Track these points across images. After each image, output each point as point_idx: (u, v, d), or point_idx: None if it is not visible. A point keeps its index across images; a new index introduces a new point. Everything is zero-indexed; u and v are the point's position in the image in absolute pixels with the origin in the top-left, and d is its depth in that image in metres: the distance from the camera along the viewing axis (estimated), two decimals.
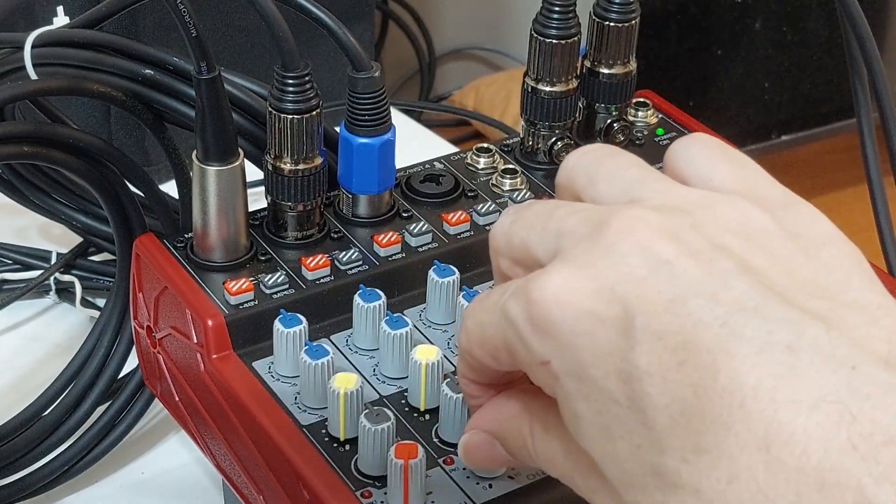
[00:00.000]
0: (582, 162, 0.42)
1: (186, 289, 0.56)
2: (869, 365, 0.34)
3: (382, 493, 0.49)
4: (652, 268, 0.36)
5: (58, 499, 0.69)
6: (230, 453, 0.55)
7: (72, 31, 0.63)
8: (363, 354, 0.56)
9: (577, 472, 0.40)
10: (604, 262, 0.37)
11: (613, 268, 0.37)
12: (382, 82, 0.58)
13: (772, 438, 0.34)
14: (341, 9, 0.63)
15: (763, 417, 0.34)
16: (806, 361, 0.34)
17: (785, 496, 0.33)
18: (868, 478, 0.33)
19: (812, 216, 0.39)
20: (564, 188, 0.43)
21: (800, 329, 0.35)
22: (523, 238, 0.41)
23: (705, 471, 0.35)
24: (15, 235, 0.86)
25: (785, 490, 0.33)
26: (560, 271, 0.37)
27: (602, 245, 0.37)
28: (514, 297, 0.39)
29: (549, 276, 0.37)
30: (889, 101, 0.71)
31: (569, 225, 0.39)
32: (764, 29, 1.90)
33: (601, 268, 0.37)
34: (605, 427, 0.37)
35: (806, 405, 0.34)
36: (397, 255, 0.59)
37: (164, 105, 0.63)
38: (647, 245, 0.37)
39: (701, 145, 0.41)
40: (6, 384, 0.76)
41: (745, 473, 0.34)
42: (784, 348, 0.35)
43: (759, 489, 0.34)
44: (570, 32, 0.62)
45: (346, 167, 0.60)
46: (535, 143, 0.66)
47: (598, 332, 0.36)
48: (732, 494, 0.34)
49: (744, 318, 0.35)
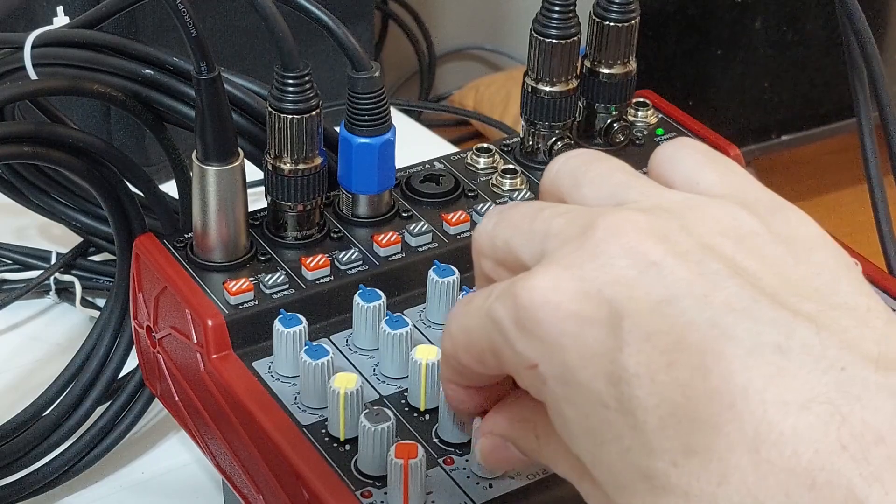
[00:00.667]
0: (567, 167, 0.42)
1: (186, 289, 0.56)
2: (859, 366, 0.34)
3: (382, 493, 0.49)
4: (640, 269, 0.36)
5: (58, 499, 0.69)
6: (230, 453, 0.55)
7: (72, 31, 0.64)
8: (363, 354, 0.56)
9: (574, 474, 0.40)
10: (591, 264, 0.37)
11: (601, 269, 0.36)
12: (382, 82, 0.58)
13: (761, 439, 0.34)
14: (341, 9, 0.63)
15: (753, 418, 0.34)
16: (796, 362, 0.34)
17: (775, 497, 0.33)
18: (858, 477, 0.33)
19: (800, 220, 0.39)
20: (549, 193, 0.42)
21: (790, 330, 0.35)
22: (507, 240, 0.40)
23: (695, 473, 0.35)
24: (15, 235, 0.86)
25: (775, 491, 0.33)
26: (547, 272, 0.37)
27: (589, 246, 0.37)
28: (499, 299, 0.38)
29: (536, 278, 0.37)
30: (889, 101, 0.71)
31: (555, 226, 0.39)
32: (763, 29, 1.90)
33: (588, 269, 0.37)
34: (593, 430, 0.37)
35: (796, 406, 0.34)
36: (397, 255, 0.59)
37: (164, 105, 0.63)
38: (635, 246, 0.36)
39: (687, 150, 0.41)
40: (6, 384, 0.76)
41: (735, 475, 0.34)
42: (774, 349, 0.35)
43: (748, 491, 0.34)
44: (570, 32, 0.62)
45: (345, 167, 0.60)
46: (535, 143, 0.66)
47: (585, 334, 0.36)
48: (723, 496, 0.34)
49: (734, 319, 0.35)
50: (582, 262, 0.37)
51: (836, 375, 0.34)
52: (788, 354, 0.34)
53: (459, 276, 0.57)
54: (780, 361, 0.34)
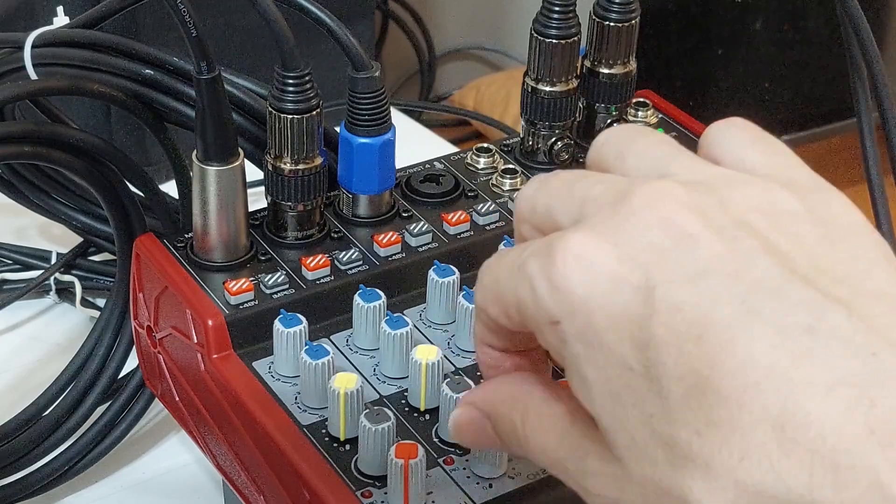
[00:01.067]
0: (613, 138, 0.42)
1: (186, 289, 0.56)
2: (889, 352, 0.34)
3: (382, 493, 0.49)
4: (675, 240, 0.36)
5: (58, 499, 0.69)
6: (230, 453, 0.55)
7: (72, 31, 0.64)
8: (363, 354, 0.56)
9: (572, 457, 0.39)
10: (628, 231, 0.37)
11: (637, 237, 0.37)
12: (382, 82, 0.58)
13: (787, 418, 0.34)
14: (341, 9, 0.63)
15: (778, 397, 0.34)
16: (825, 345, 0.34)
17: (798, 477, 0.33)
18: (884, 462, 0.32)
19: (843, 205, 0.39)
20: (594, 164, 0.42)
21: (820, 312, 0.35)
22: (546, 204, 0.40)
23: (717, 445, 0.35)
24: (15, 235, 0.86)
25: (798, 471, 0.33)
26: (584, 234, 0.37)
27: (626, 213, 0.37)
28: (534, 254, 0.38)
29: (573, 236, 0.37)
30: (889, 101, 0.71)
31: (594, 193, 0.39)
32: (764, 28, 1.90)
33: (624, 235, 0.37)
34: (615, 393, 0.37)
35: (823, 387, 0.34)
36: (397, 255, 0.59)
37: (164, 105, 0.63)
38: (672, 217, 0.37)
39: (737, 128, 0.41)
40: (6, 384, 0.76)
41: (757, 451, 0.34)
42: (803, 330, 0.34)
43: (771, 467, 0.34)
44: (570, 32, 0.62)
45: (346, 167, 0.60)
46: (535, 143, 0.66)
47: (615, 297, 0.36)
48: (743, 471, 0.34)
49: (764, 298, 0.35)
50: (618, 228, 0.37)
51: (865, 360, 0.34)
52: (817, 336, 0.34)
53: (459, 276, 0.57)
54: (809, 343, 0.34)
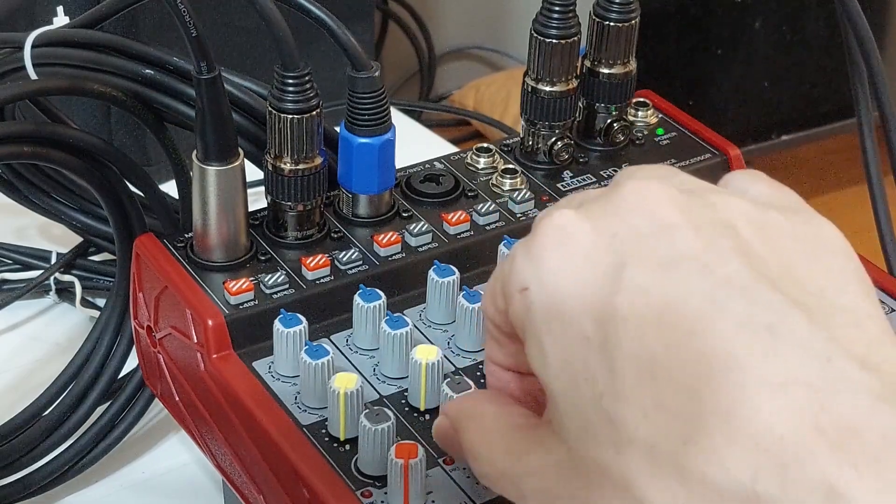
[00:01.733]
0: None
1: (186, 289, 0.56)
2: (845, 361, 0.34)
3: (382, 493, 0.49)
4: (654, 228, 0.37)
5: (58, 499, 0.69)
6: (230, 453, 0.55)
7: (72, 31, 0.64)
8: (363, 354, 0.56)
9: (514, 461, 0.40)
10: (610, 213, 0.38)
11: (618, 220, 0.38)
12: (382, 82, 0.58)
13: (736, 410, 0.34)
14: (341, 9, 0.63)
15: (731, 389, 0.34)
16: (783, 345, 0.35)
17: (741, 468, 0.33)
18: (832, 462, 0.33)
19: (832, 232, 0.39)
20: None
21: (783, 314, 0.35)
22: None
23: (663, 428, 0.35)
24: (15, 235, 0.86)
25: (742, 462, 0.33)
26: (568, 210, 0.39)
27: (612, 200, 0.39)
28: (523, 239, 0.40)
29: (557, 212, 0.39)
30: (889, 101, 0.71)
31: (592, 193, 0.41)
32: (763, 29, 1.90)
33: (606, 218, 0.38)
34: (569, 365, 0.38)
35: (776, 385, 0.34)
36: (397, 255, 0.59)
37: (164, 105, 0.63)
38: (655, 209, 0.38)
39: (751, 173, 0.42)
40: (6, 384, 0.76)
41: (704, 439, 0.34)
42: (764, 329, 0.35)
43: (715, 456, 0.34)
44: (570, 32, 0.62)
45: (346, 167, 0.60)
46: (535, 143, 0.65)
47: (585, 270, 0.38)
48: (687, 457, 0.34)
49: (730, 294, 0.36)
50: (603, 210, 0.39)
51: (820, 364, 0.34)
52: (777, 336, 0.35)
53: (459, 276, 0.57)
54: (768, 341, 0.35)
